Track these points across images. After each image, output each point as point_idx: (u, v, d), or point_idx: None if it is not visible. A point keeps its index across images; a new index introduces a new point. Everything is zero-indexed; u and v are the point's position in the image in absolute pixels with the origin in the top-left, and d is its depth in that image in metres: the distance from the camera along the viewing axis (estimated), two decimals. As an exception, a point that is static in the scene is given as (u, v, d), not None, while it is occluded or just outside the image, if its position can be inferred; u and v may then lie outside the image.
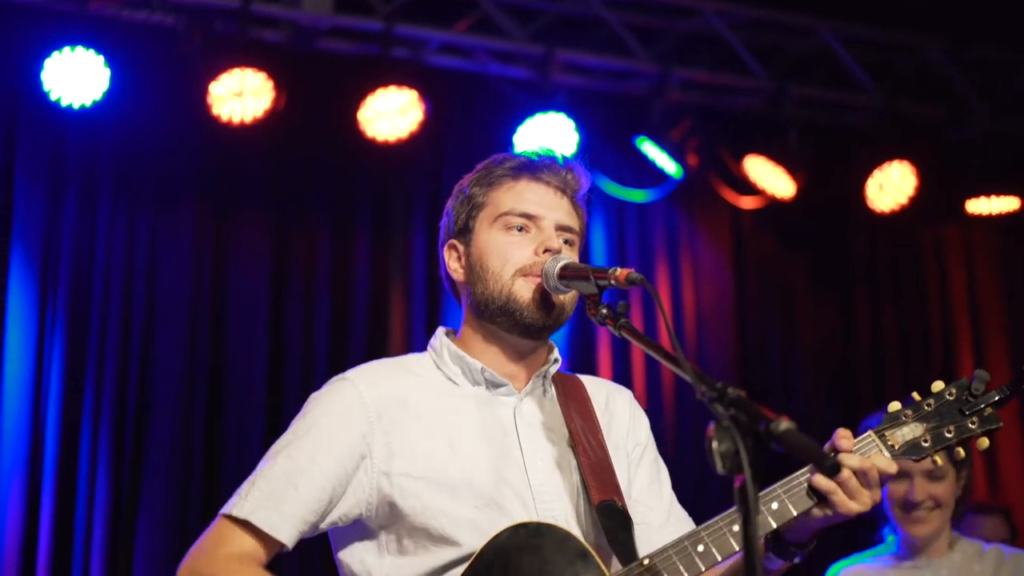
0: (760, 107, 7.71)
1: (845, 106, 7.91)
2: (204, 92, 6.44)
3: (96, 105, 6.27)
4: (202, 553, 2.81)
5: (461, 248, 3.08)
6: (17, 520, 6.03)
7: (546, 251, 2.99)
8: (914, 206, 7.82)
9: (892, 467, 2.84)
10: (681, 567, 2.77)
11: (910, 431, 2.94)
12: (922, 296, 8.47)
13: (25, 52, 6.25)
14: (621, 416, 3.20)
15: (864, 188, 7.80)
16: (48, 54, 6.15)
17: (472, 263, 3.04)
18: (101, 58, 6.21)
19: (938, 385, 2.98)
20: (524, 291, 2.96)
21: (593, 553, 2.82)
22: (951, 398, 2.97)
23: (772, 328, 8.17)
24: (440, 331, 3.13)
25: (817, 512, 2.83)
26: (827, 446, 2.89)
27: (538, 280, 2.96)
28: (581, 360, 7.43)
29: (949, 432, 2.95)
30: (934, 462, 2.97)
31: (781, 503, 2.82)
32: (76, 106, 6.24)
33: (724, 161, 7.80)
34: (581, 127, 7.11)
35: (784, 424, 2.14)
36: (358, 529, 2.93)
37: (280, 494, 2.81)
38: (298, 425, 2.93)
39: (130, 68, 6.37)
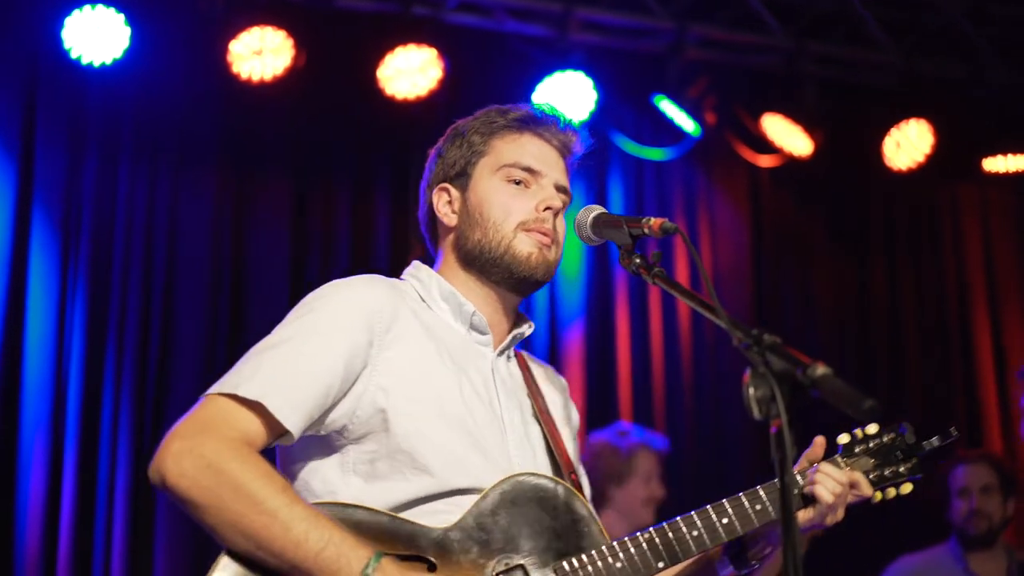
0: (778, 65, 7.68)
1: (863, 63, 7.87)
2: (224, 50, 6.45)
3: (117, 63, 6.26)
4: (202, 431, 2.61)
5: (455, 193, 3.06)
6: (41, 478, 6.05)
7: (547, 209, 3.00)
8: (931, 164, 7.81)
9: (869, 490, 3.00)
10: (677, 547, 2.82)
11: (863, 464, 3.04)
12: (938, 254, 8.46)
13: (46, 10, 6.23)
14: (560, 404, 3.20)
15: (881, 146, 7.79)
16: (69, 12, 6.14)
17: (470, 209, 3.02)
18: (122, 16, 6.20)
19: (873, 428, 3.07)
20: (524, 246, 2.97)
21: (595, 518, 2.85)
22: (888, 441, 3.06)
23: (789, 286, 8.17)
24: (421, 264, 3.10)
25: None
26: (804, 457, 3.02)
27: (540, 237, 2.97)
28: (599, 305, 7.46)
29: (888, 472, 3.05)
30: (874, 499, 3.08)
31: (764, 506, 2.89)
32: (97, 64, 6.24)
33: (741, 119, 7.78)
34: (599, 85, 7.10)
35: (821, 369, 2.15)
36: (323, 443, 2.79)
37: (290, 382, 2.67)
38: (303, 320, 2.80)
39: (150, 26, 6.36)
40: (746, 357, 2.26)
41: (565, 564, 2.75)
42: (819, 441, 2.99)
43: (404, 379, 2.79)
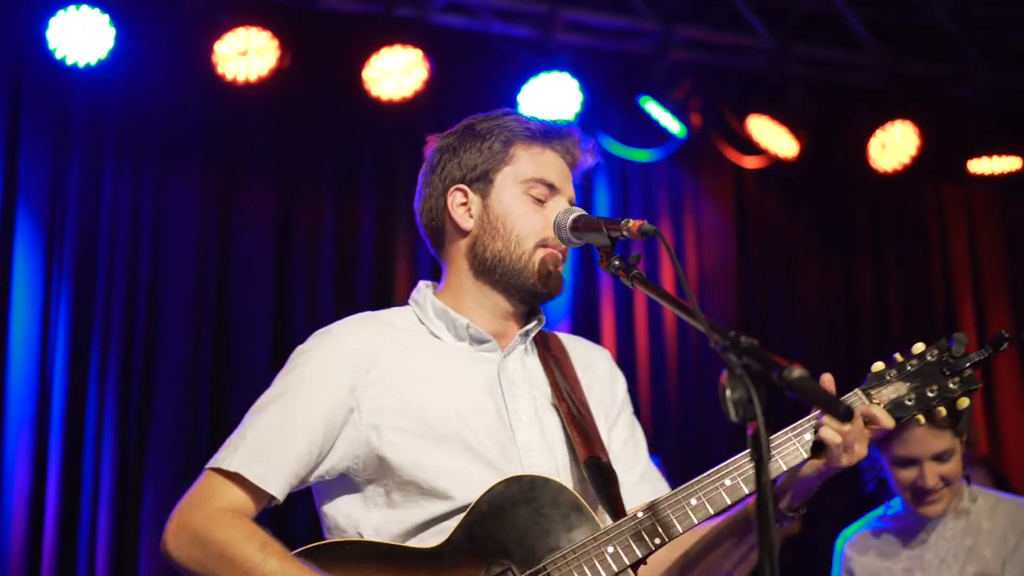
0: (763, 66, 7.70)
1: (848, 65, 7.89)
2: (209, 51, 6.46)
3: (101, 64, 6.27)
4: (193, 507, 2.81)
5: (474, 197, 3.05)
6: (25, 478, 6.05)
7: None
8: (916, 166, 7.83)
9: (889, 421, 2.84)
10: (675, 520, 2.79)
11: (894, 390, 2.92)
12: (924, 255, 8.48)
13: (31, 10, 6.23)
14: (601, 375, 3.21)
15: (867, 147, 7.80)
16: (54, 12, 6.15)
17: (492, 217, 3.02)
18: (107, 17, 6.20)
19: (919, 347, 2.96)
20: (544, 264, 3.00)
21: (587, 506, 2.84)
22: (932, 359, 2.95)
23: (775, 287, 8.19)
24: (422, 285, 3.13)
25: (807, 470, 2.82)
26: None
27: (556, 255, 3.01)
28: (585, 310, 7.47)
29: (932, 392, 2.93)
30: (919, 422, 2.96)
31: (772, 460, 2.80)
32: (82, 65, 6.24)
33: (727, 121, 7.79)
34: (584, 86, 7.11)
35: (797, 371, 2.14)
36: (343, 482, 2.93)
37: (270, 447, 2.82)
38: (286, 379, 2.94)
39: (135, 27, 6.37)
40: (723, 359, 2.26)
41: (555, 559, 2.77)
42: (827, 378, 2.82)
43: (392, 413, 2.87)
